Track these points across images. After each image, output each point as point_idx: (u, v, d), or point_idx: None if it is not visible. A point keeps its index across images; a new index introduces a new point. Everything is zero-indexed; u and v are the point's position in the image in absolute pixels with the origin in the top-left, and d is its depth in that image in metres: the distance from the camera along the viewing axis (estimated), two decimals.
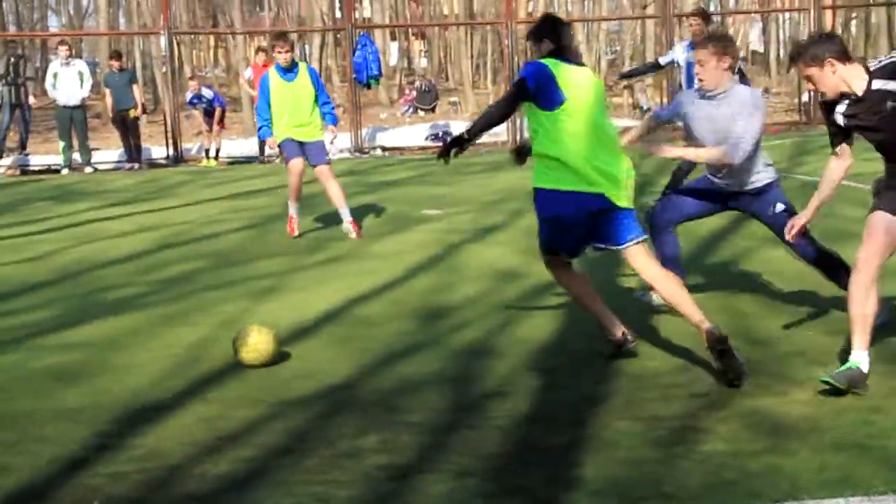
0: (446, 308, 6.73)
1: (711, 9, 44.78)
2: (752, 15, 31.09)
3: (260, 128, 10.06)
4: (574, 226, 5.28)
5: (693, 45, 10.09)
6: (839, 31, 38.33)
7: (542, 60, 5.40)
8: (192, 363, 5.66)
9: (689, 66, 10.05)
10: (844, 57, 4.84)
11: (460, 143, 5.45)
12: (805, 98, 22.64)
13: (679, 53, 10.20)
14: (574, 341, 5.85)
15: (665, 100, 22.21)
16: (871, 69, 4.83)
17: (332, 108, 10.04)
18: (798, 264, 7.49)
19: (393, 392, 5.04)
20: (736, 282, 7.08)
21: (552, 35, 5.50)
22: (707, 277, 7.26)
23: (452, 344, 5.88)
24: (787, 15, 40.40)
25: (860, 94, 4.78)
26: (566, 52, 5.47)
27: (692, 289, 6.82)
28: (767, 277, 7.15)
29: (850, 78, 4.82)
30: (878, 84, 4.79)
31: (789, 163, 14.11)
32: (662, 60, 10.40)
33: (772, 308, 6.34)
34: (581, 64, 5.57)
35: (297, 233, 9.88)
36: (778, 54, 39.48)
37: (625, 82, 12.20)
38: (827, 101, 4.97)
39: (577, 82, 5.36)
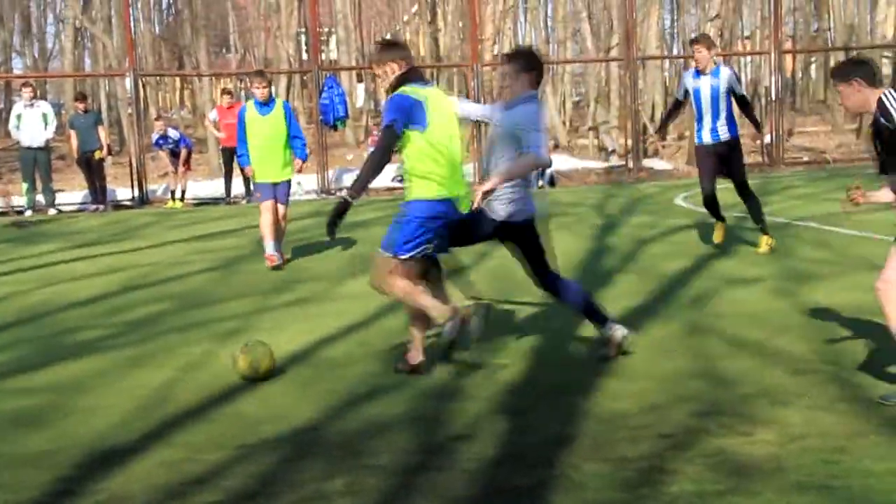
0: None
1: (675, 52, 45.37)
2: (715, 58, 31.46)
3: (240, 156, 10.53)
4: (447, 225, 5.88)
5: (698, 73, 10.13)
6: (799, 75, 38.96)
7: (401, 91, 5.77)
8: (157, 406, 5.61)
9: (696, 91, 10.10)
10: (871, 81, 5.39)
11: (346, 210, 5.81)
12: (767, 140, 22.93)
13: (688, 82, 10.26)
14: (542, 382, 5.85)
15: (629, 141, 22.40)
16: (879, 97, 5.32)
17: (304, 144, 10.56)
18: (762, 305, 7.59)
19: (359, 434, 5.02)
20: (700, 322, 7.12)
21: (400, 59, 5.90)
22: (671, 318, 7.30)
23: (419, 385, 5.86)
24: (748, 58, 41.02)
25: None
26: (416, 74, 5.91)
27: (656, 328, 6.89)
28: (731, 318, 7.20)
29: (872, 101, 5.35)
30: (876, 113, 5.30)
31: None
32: (679, 95, 10.44)
33: (736, 348, 6.37)
34: (427, 82, 6.00)
35: (277, 262, 10.20)
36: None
37: (653, 133, 12.05)
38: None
39: (435, 102, 5.87)
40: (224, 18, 46.76)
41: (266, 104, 10.22)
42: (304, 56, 37.37)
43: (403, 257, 5.81)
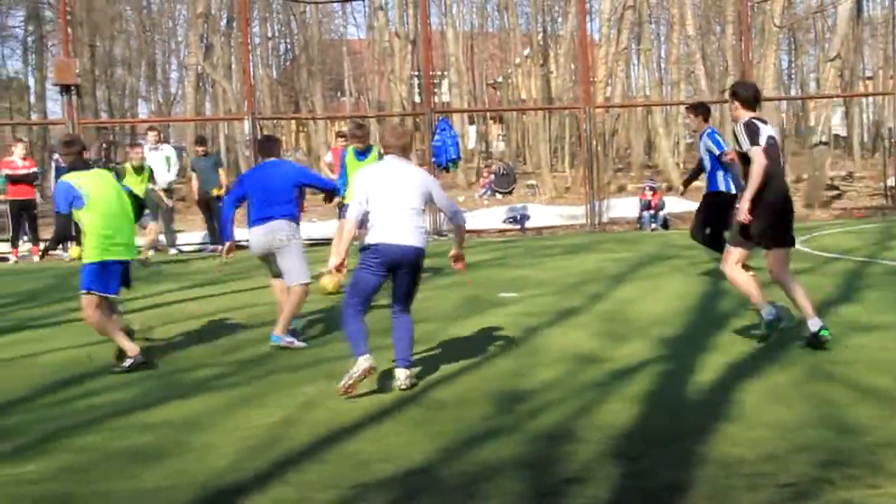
0: (524, 392, 6.66)
1: (793, 93, 44.61)
2: (835, 99, 30.82)
3: (337, 187, 11.08)
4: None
5: (700, 136, 11.20)
6: None
7: (63, 178, 8.04)
8: (271, 444, 5.66)
9: (709, 154, 11.09)
10: (746, 105, 7.65)
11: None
12: (890, 182, 22.30)
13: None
14: (655, 426, 5.73)
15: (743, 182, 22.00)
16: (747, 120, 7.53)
17: None
18: (887, 352, 7.31)
19: (471, 477, 4.98)
20: (821, 368, 6.90)
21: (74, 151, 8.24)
22: (791, 363, 7.09)
23: (531, 428, 5.80)
24: (870, 99, 40.06)
25: None
26: (79, 162, 8.19)
27: (774, 373, 6.69)
28: (854, 365, 6.96)
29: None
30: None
31: (875, 248, 13.84)
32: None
33: (862, 396, 6.15)
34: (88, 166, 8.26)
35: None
36: (862, 138, 39.08)
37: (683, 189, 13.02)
38: None
39: (94, 184, 7.98)
40: (339, 63, 47.74)
41: (363, 153, 11.58)
42: (417, 99, 37.85)
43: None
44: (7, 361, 8.42)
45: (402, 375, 6.88)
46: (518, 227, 21.77)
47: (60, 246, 18.33)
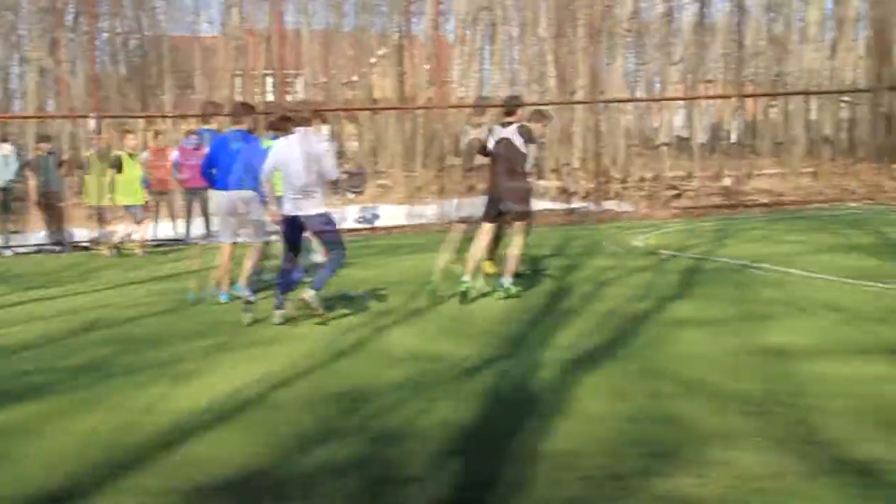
0: (366, 392, 6.67)
1: (638, 94, 45.77)
2: (678, 102, 31.83)
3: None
4: None
5: None
6: (759, 117, 39.44)
7: None
8: (110, 449, 5.52)
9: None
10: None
11: None
12: (727, 182, 23.18)
13: None
14: (495, 423, 5.82)
15: (591, 183, 22.52)
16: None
17: None
18: (715, 347, 7.61)
19: (311, 478, 4.96)
20: (656, 364, 7.13)
21: None
22: (628, 359, 7.31)
23: (372, 428, 5.82)
24: (710, 101, 41.45)
25: None
26: None
27: (612, 369, 6.88)
28: (687, 360, 7.21)
29: None
30: None
31: (711, 245, 14.36)
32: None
33: (689, 390, 6.38)
34: None
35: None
36: (702, 140, 40.34)
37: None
38: None
39: None
40: (191, 60, 46.81)
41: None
42: (271, 97, 37.37)
43: None
44: None
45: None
46: (368, 226, 21.78)
47: None
